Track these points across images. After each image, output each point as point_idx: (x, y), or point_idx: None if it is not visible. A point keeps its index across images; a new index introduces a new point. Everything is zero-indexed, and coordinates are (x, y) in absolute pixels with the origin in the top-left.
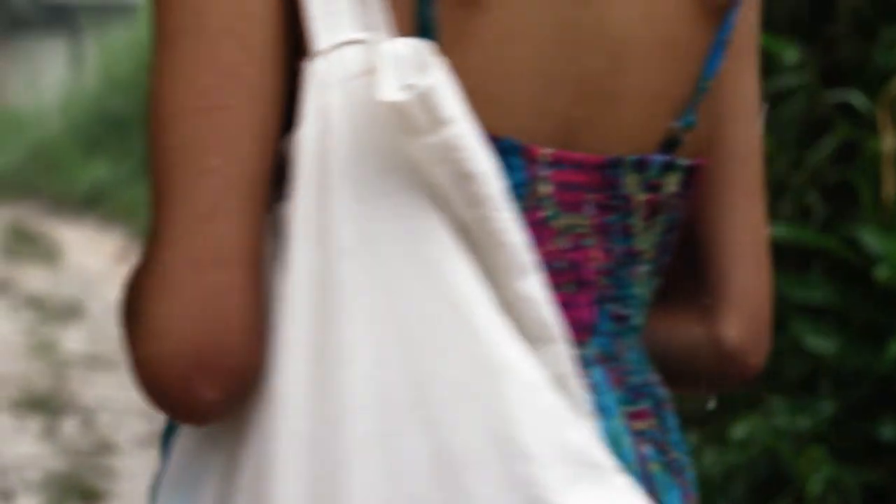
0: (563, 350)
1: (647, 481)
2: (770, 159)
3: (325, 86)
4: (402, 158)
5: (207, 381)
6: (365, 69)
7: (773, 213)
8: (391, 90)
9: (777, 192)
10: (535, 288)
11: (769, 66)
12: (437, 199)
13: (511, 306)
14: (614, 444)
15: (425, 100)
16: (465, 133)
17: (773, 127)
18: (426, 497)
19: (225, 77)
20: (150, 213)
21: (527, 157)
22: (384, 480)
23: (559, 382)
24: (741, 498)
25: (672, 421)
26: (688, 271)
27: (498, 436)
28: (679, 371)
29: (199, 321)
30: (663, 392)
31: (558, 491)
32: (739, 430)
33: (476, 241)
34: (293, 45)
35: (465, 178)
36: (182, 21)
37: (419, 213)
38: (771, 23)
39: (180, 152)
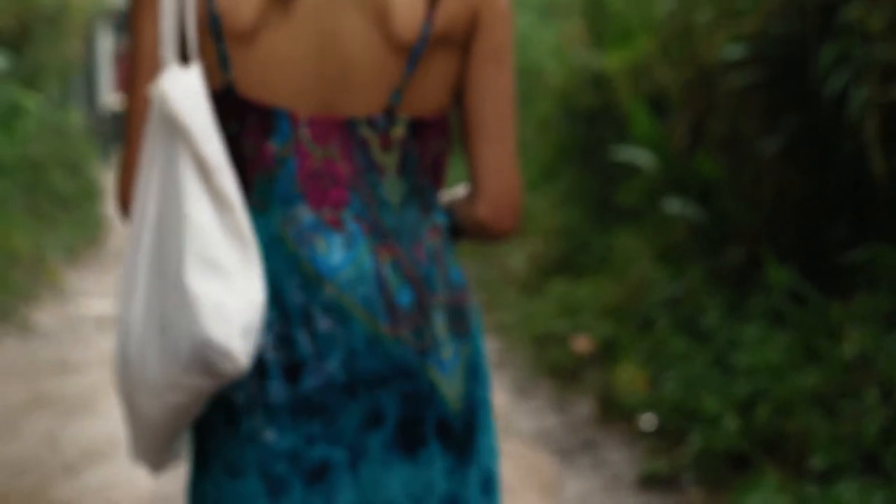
0: (238, 213)
1: (383, 284)
2: None
3: (161, 83)
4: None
5: (121, 207)
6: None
7: None
8: (156, 89)
9: None
10: (222, 179)
11: None
12: (183, 139)
13: (215, 191)
14: (358, 262)
15: (162, 93)
16: (181, 108)
17: None
18: (162, 276)
19: (142, 83)
20: None
21: (291, 118)
22: (152, 265)
23: (234, 230)
24: None
25: (430, 252)
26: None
27: (180, 251)
28: (469, 231)
29: (120, 188)
30: (427, 239)
31: (189, 276)
32: None
33: (195, 159)
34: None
35: (185, 132)
36: (131, 54)
37: (176, 144)
38: None
39: (127, 118)
